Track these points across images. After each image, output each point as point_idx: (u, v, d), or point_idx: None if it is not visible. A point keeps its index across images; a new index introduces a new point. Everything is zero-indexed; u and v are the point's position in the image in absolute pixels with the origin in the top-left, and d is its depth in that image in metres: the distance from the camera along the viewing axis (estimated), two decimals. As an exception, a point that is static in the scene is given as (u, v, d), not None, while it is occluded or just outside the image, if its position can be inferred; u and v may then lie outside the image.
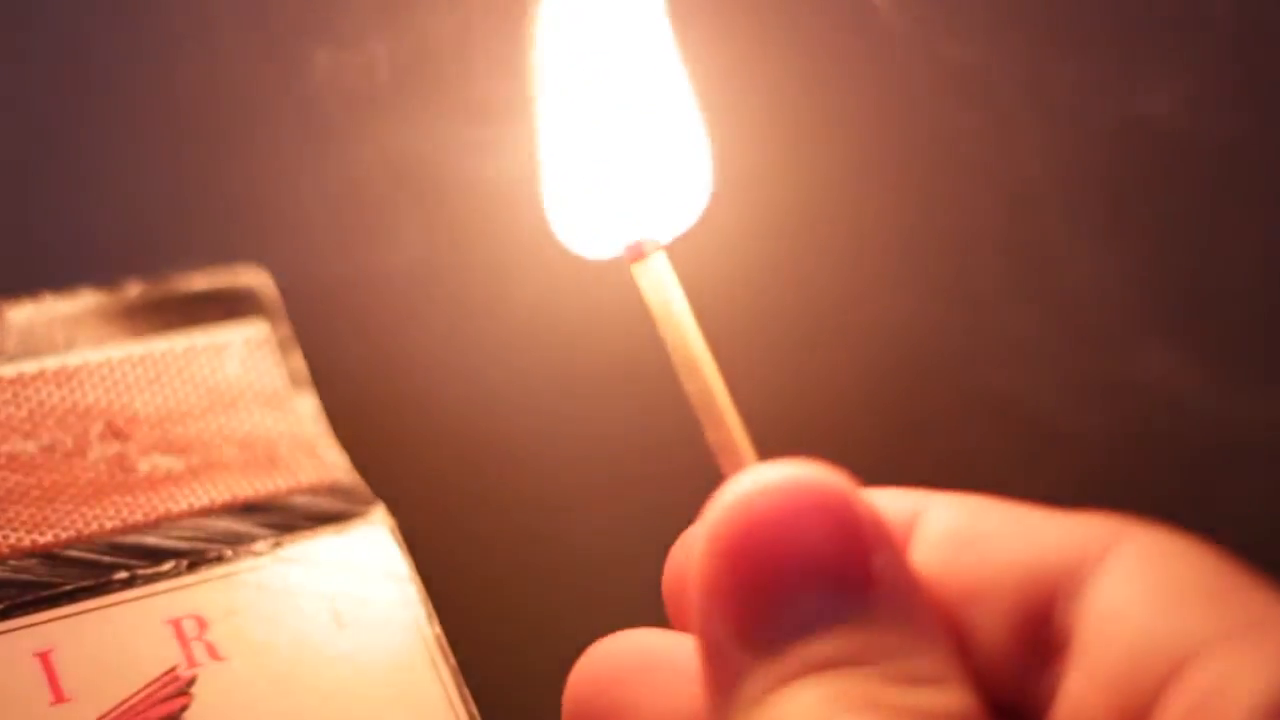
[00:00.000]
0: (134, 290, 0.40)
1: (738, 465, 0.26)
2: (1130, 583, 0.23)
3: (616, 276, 0.39)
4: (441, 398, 0.48)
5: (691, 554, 0.25)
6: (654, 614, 0.47)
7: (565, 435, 0.48)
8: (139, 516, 0.37)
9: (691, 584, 0.25)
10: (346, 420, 0.41)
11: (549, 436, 0.48)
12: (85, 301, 0.40)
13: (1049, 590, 0.24)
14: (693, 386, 0.26)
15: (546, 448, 0.48)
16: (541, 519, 0.48)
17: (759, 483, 0.25)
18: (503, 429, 0.48)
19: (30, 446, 0.37)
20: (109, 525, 0.37)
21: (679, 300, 0.25)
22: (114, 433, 0.39)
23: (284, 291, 0.42)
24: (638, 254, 0.24)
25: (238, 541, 0.37)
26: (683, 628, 0.29)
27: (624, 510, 0.47)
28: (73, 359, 0.39)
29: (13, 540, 0.36)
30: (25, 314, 0.39)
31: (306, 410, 0.41)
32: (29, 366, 0.38)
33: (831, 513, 0.24)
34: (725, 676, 0.24)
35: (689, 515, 0.45)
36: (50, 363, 0.38)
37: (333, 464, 0.40)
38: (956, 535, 0.25)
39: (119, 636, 0.35)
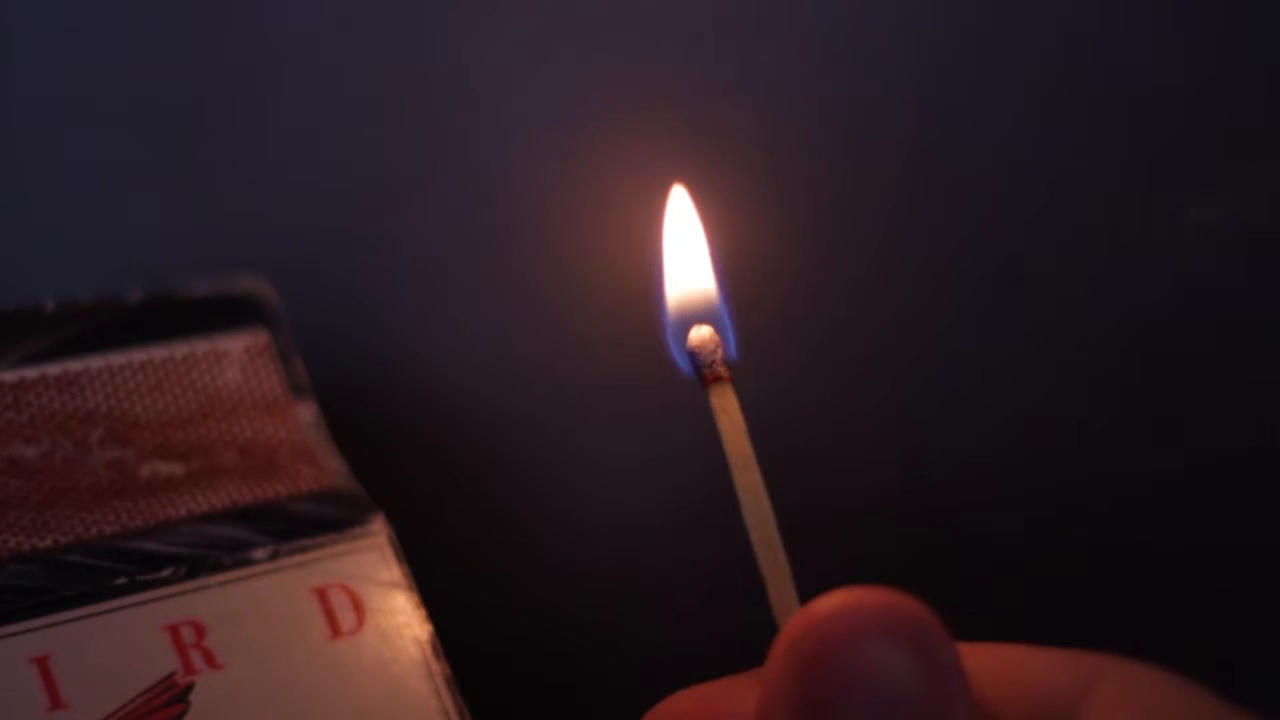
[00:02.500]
0: (135, 297, 0.40)
1: (783, 591, 0.28)
2: (1115, 714, 0.25)
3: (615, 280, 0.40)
4: (442, 407, 0.48)
5: (770, 660, 0.25)
6: (650, 619, 0.47)
7: (566, 444, 0.48)
8: (138, 522, 0.37)
9: (764, 690, 0.25)
10: (347, 428, 0.41)
11: (549, 446, 0.48)
12: (87, 307, 0.40)
13: None
14: (753, 518, 0.29)
15: (548, 458, 0.48)
16: (540, 528, 0.48)
17: (852, 601, 0.25)
18: (503, 439, 0.48)
19: (31, 451, 0.37)
20: (108, 530, 0.37)
21: (741, 426, 0.29)
22: (114, 438, 0.39)
23: (286, 299, 0.42)
24: (710, 379, 0.30)
25: (236, 548, 0.37)
26: None
27: (624, 519, 0.47)
28: (74, 364, 0.39)
29: (12, 545, 0.36)
30: (30, 319, 0.39)
31: (307, 417, 0.41)
32: (30, 372, 0.38)
33: (922, 647, 0.24)
34: None
35: (691, 523, 0.46)
36: (51, 368, 0.38)
37: (332, 471, 0.40)
38: None
39: (117, 643, 0.35)
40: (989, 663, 0.27)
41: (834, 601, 0.25)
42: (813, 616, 0.25)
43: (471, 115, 0.48)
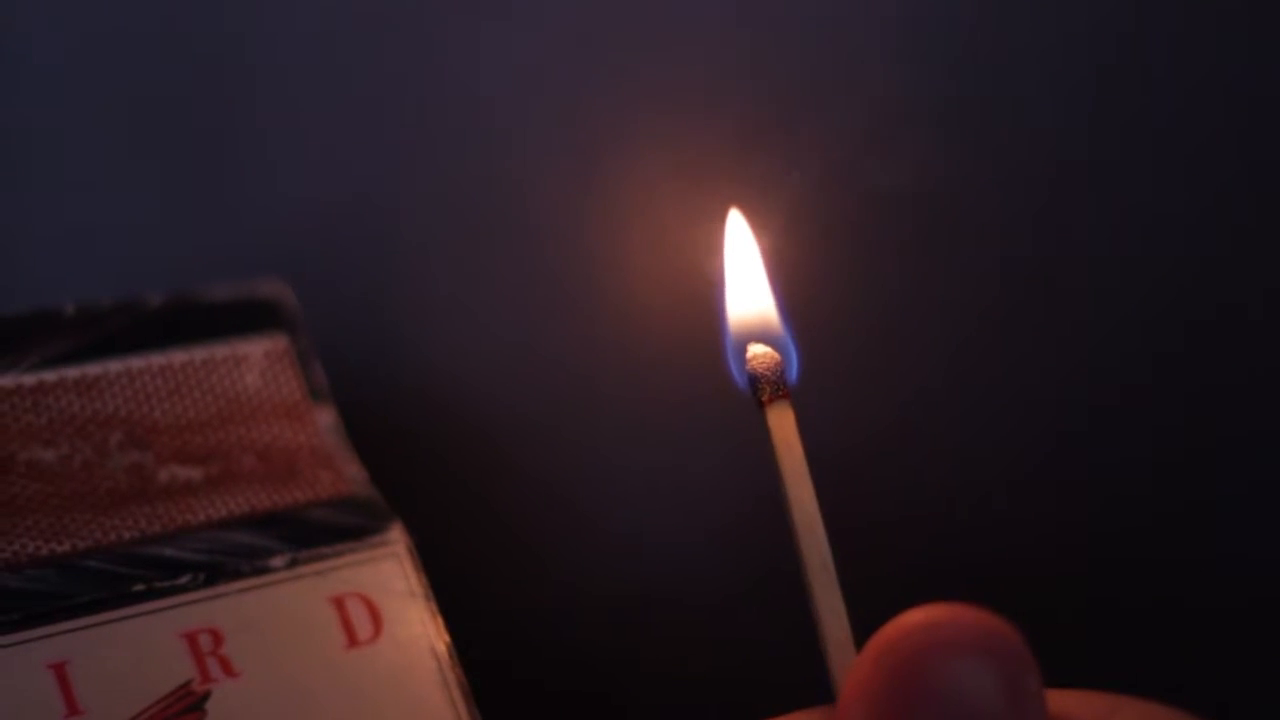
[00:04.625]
0: (155, 301, 0.40)
1: (834, 609, 0.28)
2: None
3: (642, 295, 0.42)
4: (461, 414, 0.48)
5: (858, 664, 0.26)
6: (670, 634, 0.47)
7: (585, 458, 0.48)
8: (157, 527, 0.37)
9: (849, 692, 0.26)
10: (364, 438, 0.41)
11: (569, 455, 0.48)
12: (106, 311, 0.39)
13: None
14: (805, 536, 0.29)
15: (567, 466, 0.48)
16: (559, 538, 0.48)
17: (947, 616, 0.25)
18: (523, 447, 0.48)
19: (49, 455, 0.37)
20: (127, 535, 0.37)
21: (799, 444, 0.30)
22: (133, 442, 0.38)
23: (306, 304, 0.42)
24: (769, 399, 0.30)
25: (254, 555, 0.37)
26: None
27: (643, 533, 0.47)
28: (93, 368, 0.39)
29: (30, 549, 0.36)
30: (50, 322, 0.39)
31: (326, 423, 0.41)
32: (49, 375, 0.38)
33: (1009, 669, 0.25)
34: None
35: (714, 539, 0.46)
36: (71, 371, 0.38)
37: (351, 477, 0.40)
38: None
39: (134, 649, 0.35)
40: None
41: (929, 614, 0.25)
42: (906, 626, 0.25)
43: (503, 124, 0.48)
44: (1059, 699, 0.27)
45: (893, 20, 0.45)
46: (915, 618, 0.25)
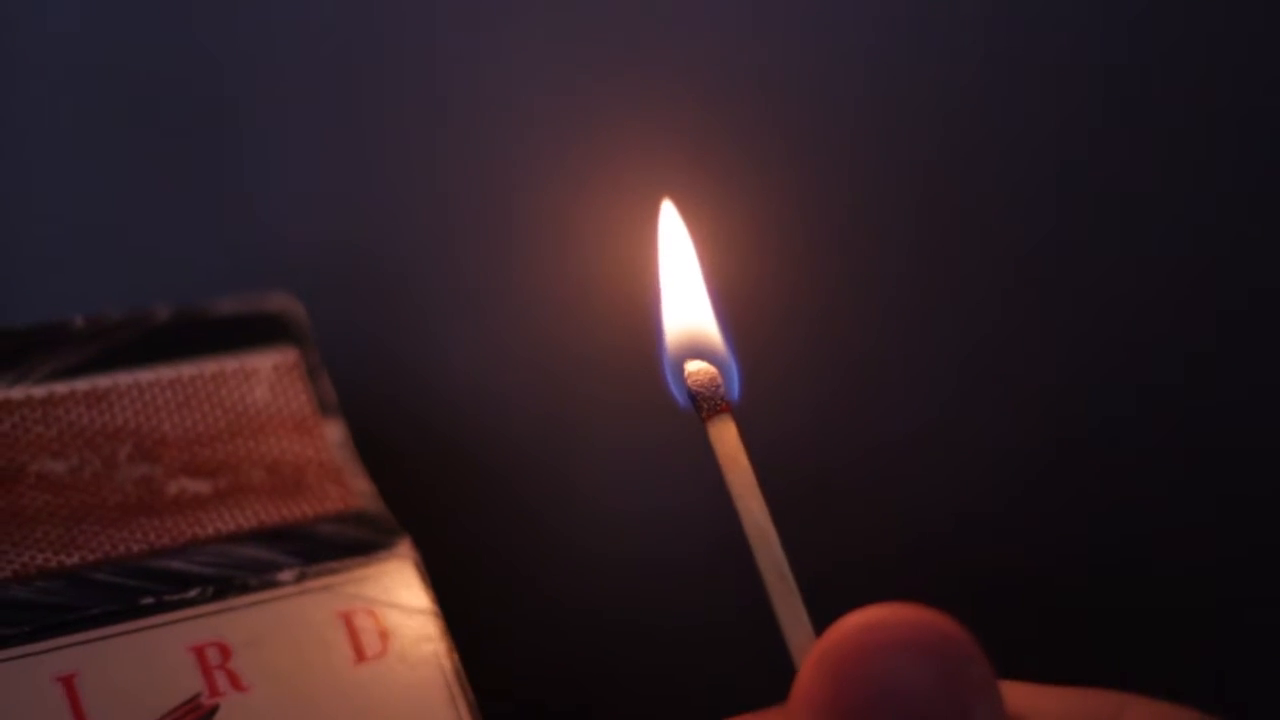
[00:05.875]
0: (164, 314, 0.40)
1: (795, 618, 0.28)
2: None
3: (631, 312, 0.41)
4: (470, 429, 0.48)
5: (802, 669, 0.26)
6: (660, 650, 0.47)
7: (594, 468, 0.48)
8: (166, 540, 0.37)
9: (794, 696, 0.26)
10: (374, 449, 0.41)
11: (578, 471, 0.48)
12: (116, 324, 0.40)
13: None
14: (759, 546, 0.29)
15: (575, 481, 0.48)
16: (567, 553, 0.48)
17: (884, 616, 0.26)
18: (532, 463, 0.48)
19: (59, 466, 0.37)
20: (136, 548, 0.37)
21: (744, 457, 0.30)
22: (143, 455, 0.39)
23: (315, 318, 0.42)
24: (710, 414, 0.30)
25: (263, 569, 0.37)
26: None
27: (649, 541, 0.47)
28: (103, 381, 0.39)
29: (39, 561, 0.36)
30: (60, 335, 0.39)
31: (335, 437, 0.41)
32: (59, 387, 0.38)
33: (949, 663, 0.25)
34: None
35: (712, 552, 0.45)
36: (81, 384, 0.38)
37: (359, 492, 0.40)
38: None
39: (143, 663, 0.35)
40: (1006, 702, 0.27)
41: (867, 615, 0.26)
42: (845, 628, 0.26)
43: (496, 132, 0.48)
44: (1067, 697, 0.27)
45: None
46: (854, 619, 0.26)
